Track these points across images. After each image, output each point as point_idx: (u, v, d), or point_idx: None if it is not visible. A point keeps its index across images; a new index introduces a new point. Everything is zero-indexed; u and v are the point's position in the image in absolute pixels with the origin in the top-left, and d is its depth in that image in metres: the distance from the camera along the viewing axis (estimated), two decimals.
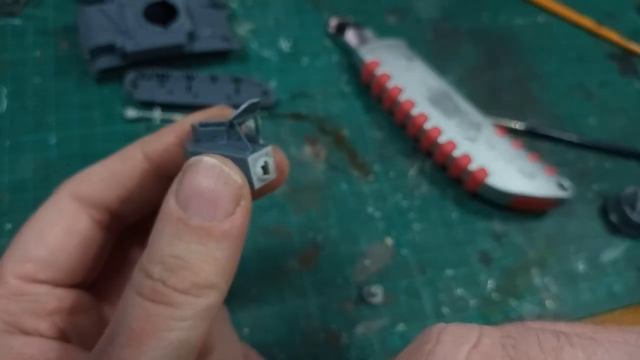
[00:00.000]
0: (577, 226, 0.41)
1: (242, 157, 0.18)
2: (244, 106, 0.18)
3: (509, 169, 0.39)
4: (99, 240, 0.22)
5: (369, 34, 0.46)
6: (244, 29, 0.46)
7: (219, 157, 0.17)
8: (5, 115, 0.39)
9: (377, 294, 0.36)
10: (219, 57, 0.44)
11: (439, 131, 0.40)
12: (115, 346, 0.16)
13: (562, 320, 0.37)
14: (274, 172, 0.19)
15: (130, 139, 0.22)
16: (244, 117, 0.19)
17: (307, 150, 0.41)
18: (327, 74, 0.45)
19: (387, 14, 0.49)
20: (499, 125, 0.43)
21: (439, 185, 0.41)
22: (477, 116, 0.41)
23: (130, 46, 0.39)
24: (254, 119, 0.19)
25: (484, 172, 0.39)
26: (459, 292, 0.37)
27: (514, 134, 0.44)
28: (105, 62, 0.40)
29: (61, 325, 0.20)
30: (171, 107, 0.41)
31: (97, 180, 0.21)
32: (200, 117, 0.22)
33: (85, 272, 0.22)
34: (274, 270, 0.36)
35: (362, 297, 0.36)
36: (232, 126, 0.19)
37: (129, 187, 0.22)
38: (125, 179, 0.22)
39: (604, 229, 0.42)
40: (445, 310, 0.37)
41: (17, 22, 0.43)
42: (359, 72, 0.45)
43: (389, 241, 0.39)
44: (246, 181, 0.18)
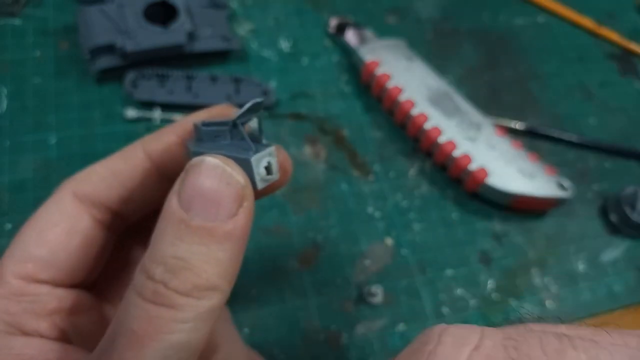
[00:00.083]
0: (577, 226, 0.41)
1: (245, 157, 0.17)
2: (248, 106, 0.17)
3: (509, 169, 0.39)
4: (101, 239, 0.22)
5: (369, 34, 0.46)
6: (244, 29, 0.46)
7: (222, 157, 0.17)
8: (5, 115, 0.39)
9: (377, 294, 0.36)
10: (219, 57, 0.44)
11: (439, 131, 0.40)
12: (115, 348, 0.16)
13: (563, 320, 0.37)
14: (277, 172, 0.19)
15: (130, 139, 0.22)
16: (247, 117, 0.19)
17: (307, 150, 0.41)
18: (327, 74, 0.45)
19: (387, 14, 0.49)
20: (499, 125, 0.43)
21: (439, 185, 0.41)
22: (477, 116, 0.41)
23: (130, 46, 0.39)
24: (257, 119, 0.19)
25: (484, 172, 0.39)
26: (459, 292, 0.37)
27: (514, 134, 0.44)
28: (105, 62, 0.40)
29: (62, 325, 0.20)
30: (171, 107, 0.41)
31: (98, 179, 0.21)
32: (203, 117, 0.22)
33: (86, 271, 0.21)
34: (274, 270, 0.36)
35: (362, 297, 0.36)
36: (235, 126, 0.18)
37: (130, 187, 0.22)
38: (126, 179, 0.21)
39: (604, 229, 0.42)
40: (445, 310, 0.37)
41: (17, 22, 0.43)
42: (359, 72, 0.45)
43: (389, 241, 0.39)
44: (249, 181, 0.17)
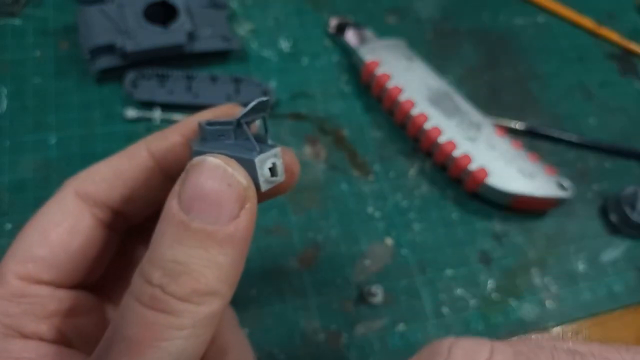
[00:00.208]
0: (577, 226, 0.41)
1: (248, 157, 0.17)
2: (252, 104, 0.17)
3: (509, 169, 0.39)
4: (103, 239, 0.21)
5: (369, 34, 0.46)
6: (244, 29, 0.46)
7: (223, 157, 0.17)
8: (5, 115, 0.39)
9: (377, 294, 0.36)
10: (219, 57, 0.44)
11: (439, 131, 0.40)
12: (111, 355, 0.16)
13: (562, 320, 0.37)
14: (282, 174, 0.18)
15: (130, 139, 0.22)
16: (252, 116, 0.18)
17: (307, 150, 0.41)
18: (327, 74, 0.45)
19: (387, 14, 0.49)
20: (499, 125, 0.43)
21: (439, 185, 0.41)
22: (477, 116, 0.41)
23: (130, 46, 0.39)
24: (262, 119, 0.19)
25: (484, 172, 0.39)
26: (459, 292, 0.37)
27: (514, 134, 0.44)
28: (105, 62, 0.40)
29: (62, 327, 0.20)
30: (171, 107, 0.41)
31: (101, 178, 0.21)
32: (208, 116, 0.21)
33: (88, 272, 0.21)
34: (274, 270, 0.36)
35: (362, 297, 0.36)
36: (239, 125, 0.18)
37: (133, 186, 0.21)
38: (129, 178, 0.21)
39: (604, 229, 0.42)
40: (445, 310, 0.37)
41: (17, 22, 0.43)
42: (359, 72, 0.45)
43: (389, 241, 0.39)
44: (252, 183, 0.17)
